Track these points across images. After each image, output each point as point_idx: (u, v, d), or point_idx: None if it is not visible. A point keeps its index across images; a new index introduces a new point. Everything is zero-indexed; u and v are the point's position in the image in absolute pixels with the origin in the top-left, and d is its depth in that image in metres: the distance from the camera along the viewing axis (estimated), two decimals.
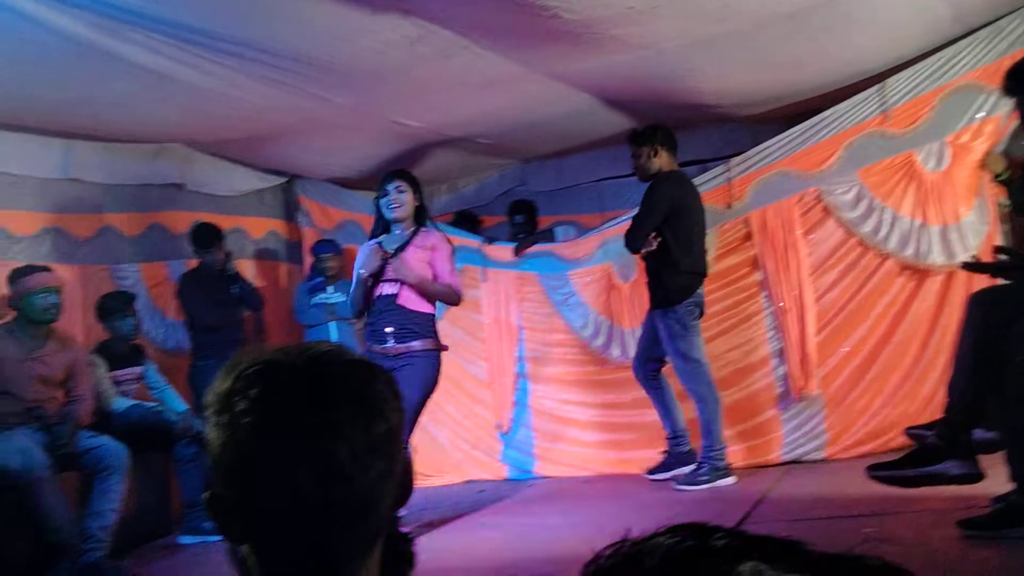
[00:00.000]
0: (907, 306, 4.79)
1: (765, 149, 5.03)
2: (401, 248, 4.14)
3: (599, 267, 5.35)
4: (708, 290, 5.03)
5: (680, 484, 4.49)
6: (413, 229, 4.21)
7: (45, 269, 4.27)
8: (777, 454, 4.88)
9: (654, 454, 5.07)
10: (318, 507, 0.85)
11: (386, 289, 4.11)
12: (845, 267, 4.88)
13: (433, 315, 4.21)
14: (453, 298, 4.28)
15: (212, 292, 5.18)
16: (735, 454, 4.93)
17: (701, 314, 4.59)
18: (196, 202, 5.66)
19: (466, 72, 4.35)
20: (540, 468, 5.45)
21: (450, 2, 3.53)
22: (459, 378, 5.66)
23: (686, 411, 4.72)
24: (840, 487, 4.05)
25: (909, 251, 4.76)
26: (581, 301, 5.35)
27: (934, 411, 4.55)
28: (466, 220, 6.28)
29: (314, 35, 3.72)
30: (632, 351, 5.18)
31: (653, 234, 4.48)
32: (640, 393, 5.15)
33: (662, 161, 4.58)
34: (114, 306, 4.69)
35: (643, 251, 4.52)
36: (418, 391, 4.01)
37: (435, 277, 4.18)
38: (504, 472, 5.52)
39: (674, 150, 4.66)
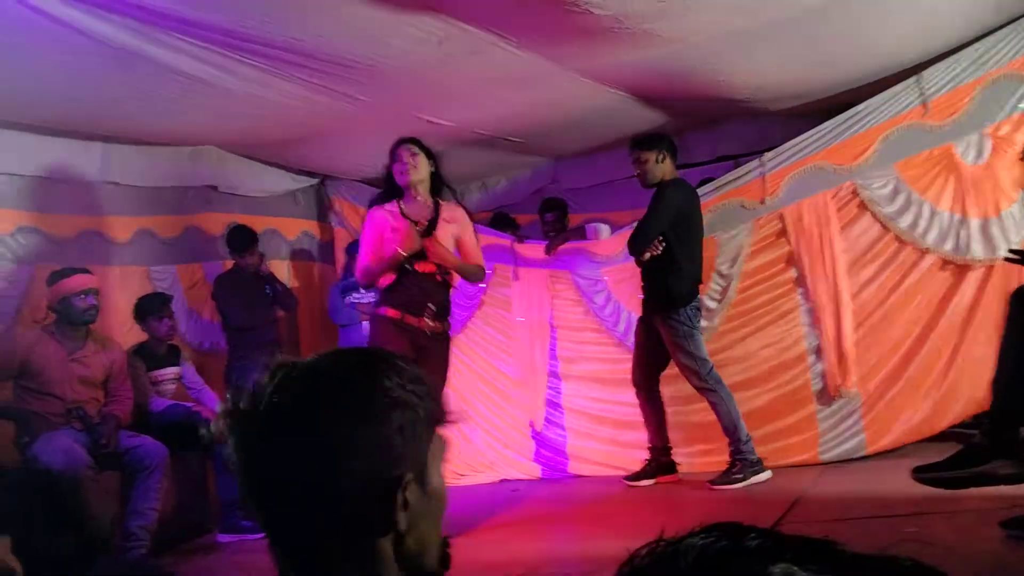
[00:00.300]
0: (946, 301, 4.70)
1: (799, 143, 4.96)
2: (432, 227, 4.03)
3: (632, 264, 5.30)
4: (743, 287, 5.01)
5: (717, 483, 4.45)
6: (434, 201, 4.10)
7: (84, 271, 4.33)
8: (813, 453, 4.81)
9: (690, 452, 5.05)
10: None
11: (423, 267, 4.01)
12: (882, 262, 4.80)
13: None
14: (480, 276, 4.28)
15: (247, 293, 5.23)
16: (771, 453, 4.88)
17: (700, 316, 4.62)
18: (230, 204, 5.72)
19: (496, 70, 4.35)
20: (573, 467, 5.43)
21: (479, 0, 3.53)
22: (491, 377, 5.66)
23: (701, 414, 4.72)
24: (879, 486, 3.99)
25: (948, 246, 4.67)
26: (614, 299, 5.32)
27: (976, 409, 4.52)
28: (503, 222, 6.25)
29: (346, 35, 3.74)
30: None
31: (659, 239, 4.49)
32: (674, 390, 5.13)
33: (667, 168, 4.59)
34: (151, 307, 4.75)
35: (646, 256, 4.53)
36: (446, 372, 4.03)
37: (463, 253, 4.13)
38: (537, 471, 5.51)
39: (676, 158, 4.70)
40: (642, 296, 4.70)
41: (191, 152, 5.39)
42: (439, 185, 4.14)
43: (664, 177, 4.56)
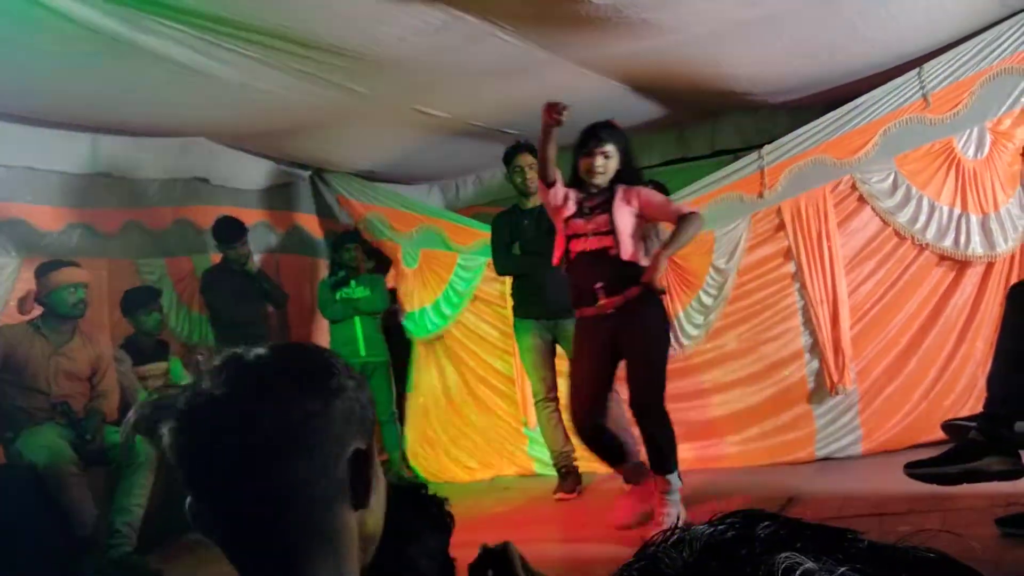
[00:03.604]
0: (946, 298, 4.66)
1: (799, 136, 4.90)
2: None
3: None
4: (740, 282, 4.96)
5: None
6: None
7: (73, 264, 4.26)
8: (810, 450, 4.77)
9: (688, 448, 5.00)
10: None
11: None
12: (881, 258, 4.75)
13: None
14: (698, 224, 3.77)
15: (236, 287, 5.15)
16: (767, 449, 4.85)
17: None
18: (221, 196, 5.64)
19: (492, 59, 4.28)
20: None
21: None
22: (484, 373, 5.60)
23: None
24: (875, 484, 3.95)
25: (948, 241, 4.62)
26: None
27: (973, 405, 4.47)
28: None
29: (339, 23, 3.67)
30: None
31: None
32: (673, 387, 5.04)
33: None
34: (139, 301, 4.69)
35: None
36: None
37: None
38: (532, 467, 5.45)
39: None
40: (547, 298, 4.60)
41: (182, 144, 5.30)
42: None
43: None
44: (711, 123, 6.07)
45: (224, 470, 0.87)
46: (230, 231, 5.22)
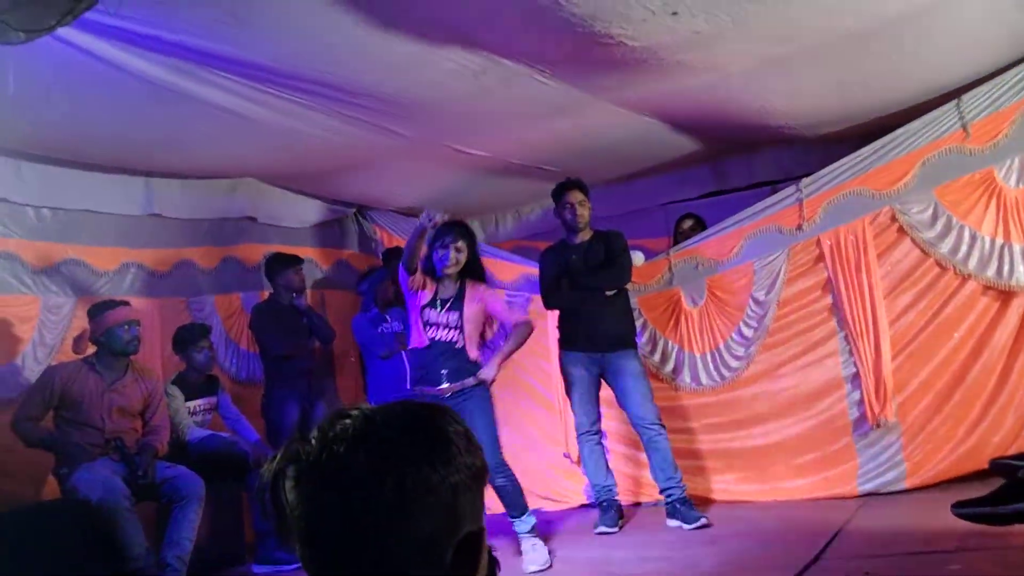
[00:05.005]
0: (991, 329, 4.59)
1: (837, 168, 4.90)
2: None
3: (667, 292, 5.28)
4: (780, 314, 4.95)
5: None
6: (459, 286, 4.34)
7: (124, 303, 4.41)
8: (852, 485, 4.71)
9: (730, 480, 4.99)
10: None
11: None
12: (922, 289, 4.71)
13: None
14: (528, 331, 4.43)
15: (283, 322, 5.26)
16: (808, 484, 4.81)
17: None
18: (268, 234, 5.81)
19: (529, 101, 4.37)
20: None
21: (514, 34, 3.55)
22: (530, 403, 5.63)
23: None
24: (921, 520, 3.89)
25: (991, 271, 4.57)
26: (650, 327, 5.28)
27: (1022, 442, 4.40)
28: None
29: (383, 69, 3.78)
30: (703, 378, 5.10)
31: None
32: (714, 419, 5.08)
33: None
34: (190, 337, 4.81)
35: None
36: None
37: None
38: (579, 498, 5.44)
39: None
40: (595, 331, 4.68)
41: (230, 184, 5.49)
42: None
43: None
44: (748, 156, 6.10)
45: (335, 527, 0.89)
46: (287, 257, 5.35)
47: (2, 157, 4.40)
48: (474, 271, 4.35)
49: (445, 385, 4.23)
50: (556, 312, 5.02)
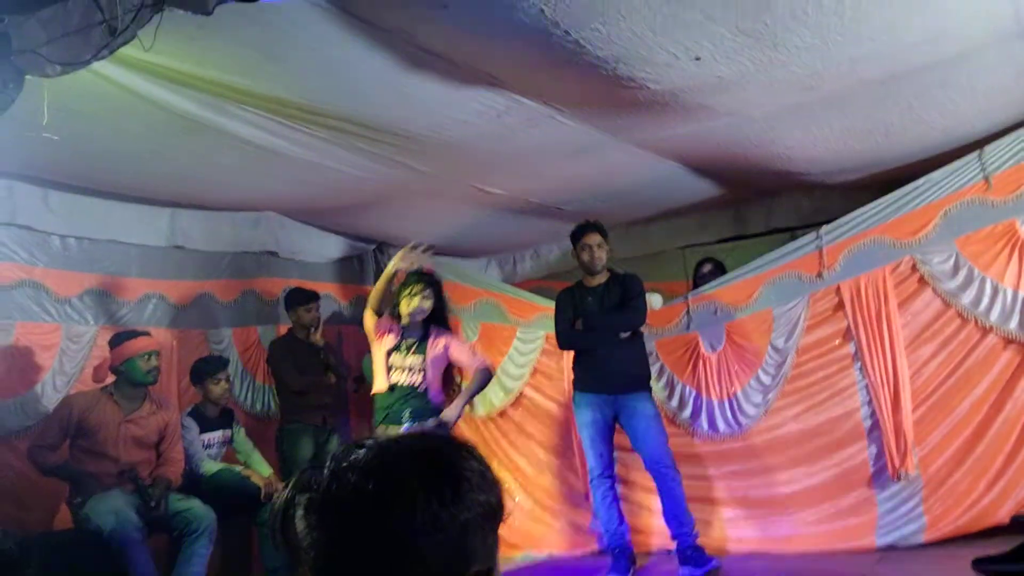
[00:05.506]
0: (1013, 382, 4.51)
1: (858, 216, 4.89)
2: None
3: (685, 336, 5.26)
4: (799, 361, 4.92)
5: None
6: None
7: (145, 334, 4.44)
8: (871, 538, 4.63)
9: (745, 529, 4.92)
10: None
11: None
12: (943, 339, 4.66)
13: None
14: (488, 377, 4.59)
15: (301, 357, 5.28)
16: (827, 535, 4.73)
17: None
18: (288, 269, 5.85)
19: (551, 141, 4.41)
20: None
21: (537, 75, 3.59)
22: (545, 447, 5.59)
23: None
24: (941, 575, 3.81)
25: (1013, 324, 4.52)
26: (667, 371, 5.26)
27: None
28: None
29: (406, 107, 3.83)
30: (720, 424, 5.05)
31: None
32: (731, 467, 5.01)
33: None
34: (209, 369, 4.82)
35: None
36: None
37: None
38: (593, 544, 5.37)
39: None
40: (609, 373, 4.65)
41: (254, 218, 5.54)
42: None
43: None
44: (768, 202, 6.11)
45: (343, 559, 0.89)
46: (303, 293, 5.38)
47: (30, 185, 4.47)
48: (439, 318, 4.56)
49: (407, 426, 4.33)
50: (571, 353, 5.00)
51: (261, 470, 4.82)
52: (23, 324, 4.46)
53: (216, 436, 4.82)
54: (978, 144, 4.73)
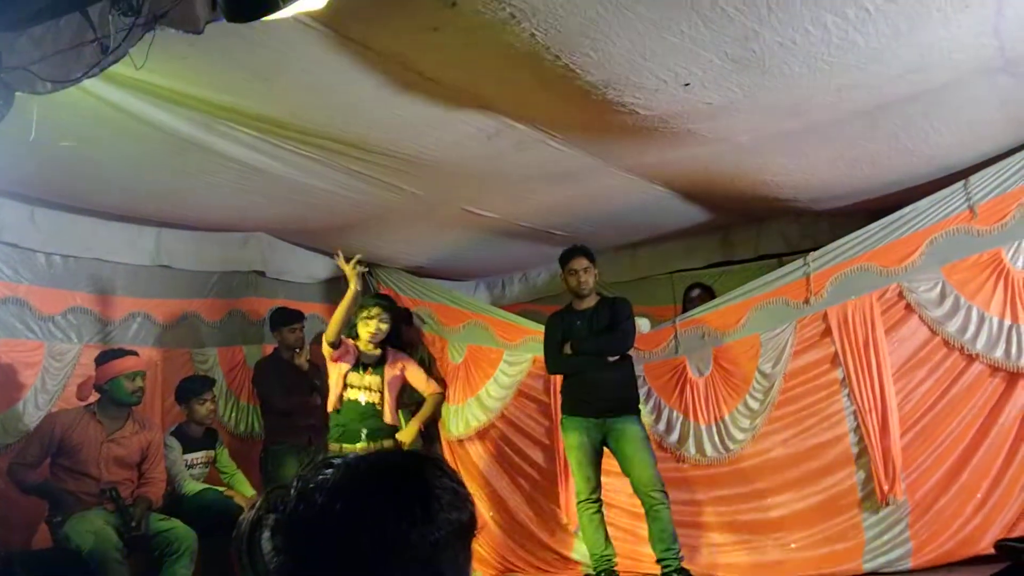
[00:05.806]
0: (998, 409, 4.54)
1: (845, 243, 4.93)
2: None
3: (673, 360, 5.26)
4: (787, 387, 4.92)
5: None
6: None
7: (132, 353, 4.40)
8: (857, 562, 4.62)
9: (733, 553, 4.89)
10: None
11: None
12: (930, 367, 4.68)
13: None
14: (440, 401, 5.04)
15: (286, 378, 5.24)
16: (814, 560, 4.71)
17: None
18: (276, 289, 5.82)
19: (541, 165, 4.42)
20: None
21: (528, 99, 3.61)
22: (528, 470, 5.56)
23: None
24: None
25: (998, 352, 4.54)
26: (654, 395, 5.25)
27: None
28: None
29: (397, 129, 3.84)
30: (708, 449, 5.04)
31: None
32: (718, 492, 5.00)
33: None
34: (194, 389, 4.79)
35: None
36: None
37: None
38: (577, 570, 5.33)
39: None
40: (597, 397, 4.64)
41: (241, 238, 5.52)
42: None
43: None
44: (756, 228, 6.14)
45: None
46: (287, 314, 5.35)
47: (16, 202, 4.44)
48: (395, 341, 4.92)
49: (362, 444, 4.56)
50: (559, 376, 5.00)
51: (244, 490, 4.77)
52: (6, 341, 4.42)
53: (199, 456, 4.77)
54: (963, 174, 4.77)
